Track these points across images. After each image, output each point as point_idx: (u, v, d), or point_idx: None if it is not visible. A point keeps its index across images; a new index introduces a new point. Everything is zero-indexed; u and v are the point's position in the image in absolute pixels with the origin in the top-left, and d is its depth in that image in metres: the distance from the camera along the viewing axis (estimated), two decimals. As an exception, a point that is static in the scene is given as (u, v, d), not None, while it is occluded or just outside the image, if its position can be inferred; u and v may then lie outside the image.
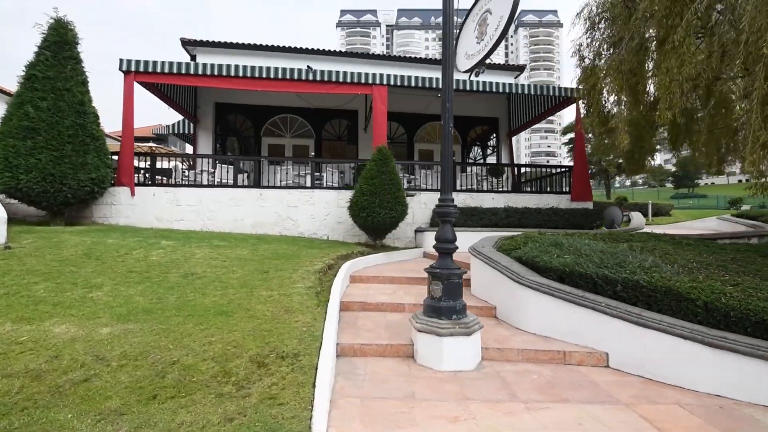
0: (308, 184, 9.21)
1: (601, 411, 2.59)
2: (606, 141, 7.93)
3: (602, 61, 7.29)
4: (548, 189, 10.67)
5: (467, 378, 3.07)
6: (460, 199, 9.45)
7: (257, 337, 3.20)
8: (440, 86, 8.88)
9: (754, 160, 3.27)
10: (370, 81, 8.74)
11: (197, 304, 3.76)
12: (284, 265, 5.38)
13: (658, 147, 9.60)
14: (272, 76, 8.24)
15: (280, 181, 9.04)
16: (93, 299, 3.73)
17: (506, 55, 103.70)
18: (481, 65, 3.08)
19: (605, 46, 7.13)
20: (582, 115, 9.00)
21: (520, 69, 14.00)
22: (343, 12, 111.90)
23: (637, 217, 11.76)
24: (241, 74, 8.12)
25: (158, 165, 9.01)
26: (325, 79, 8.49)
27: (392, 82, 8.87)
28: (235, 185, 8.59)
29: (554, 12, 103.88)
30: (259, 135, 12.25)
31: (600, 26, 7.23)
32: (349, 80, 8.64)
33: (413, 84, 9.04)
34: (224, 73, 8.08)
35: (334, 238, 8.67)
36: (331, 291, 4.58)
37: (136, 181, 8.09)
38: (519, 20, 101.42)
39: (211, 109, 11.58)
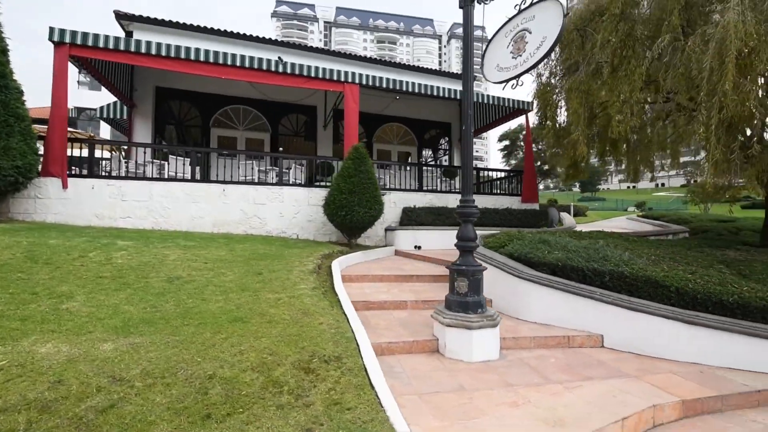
0: (272, 180, 8.72)
1: (620, 383, 2.96)
2: (558, 150, 8.85)
3: (556, 79, 8.16)
4: (500, 191, 11.55)
5: (499, 367, 3.26)
6: (428, 200, 9.81)
7: (288, 342, 3.00)
8: (406, 88, 9.07)
9: (710, 172, 4.08)
10: (342, 78, 8.60)
11: (203, 311, 3.38)
12: (274, 266, 5.07)
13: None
14: (238, 63, 7.63)
15: (245, 177, 8.42)
16: (70, 311, 3.13)
17: (439, 63, 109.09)
18: (518, 78, 3.30)
19: (560, 67, 7.99)
20: (533, 125, 9.92)
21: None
22: (279, 2, 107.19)
23: (568, 218, 13.32)
24: (202, 59, 7.37)
25: (97, 154, 7.74)
26: (297, 72, 8.12)
27: (364, 82, 8.84)
28: (193, 179, 7.77)
29: (482, 28, 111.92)
30: (208, 126, 11.22)
31: (555, 49, 8.07)
32: (321, 76, 8.38)
33: (385, 85, 9.11)
34: (183, 55, 7.25)
35: (303, 237, 8.36)
36: (336, 291, 4.46)
37: (70, 171, 6.86)
38: (452, 32, 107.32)
39: (150, 93, 10.28)
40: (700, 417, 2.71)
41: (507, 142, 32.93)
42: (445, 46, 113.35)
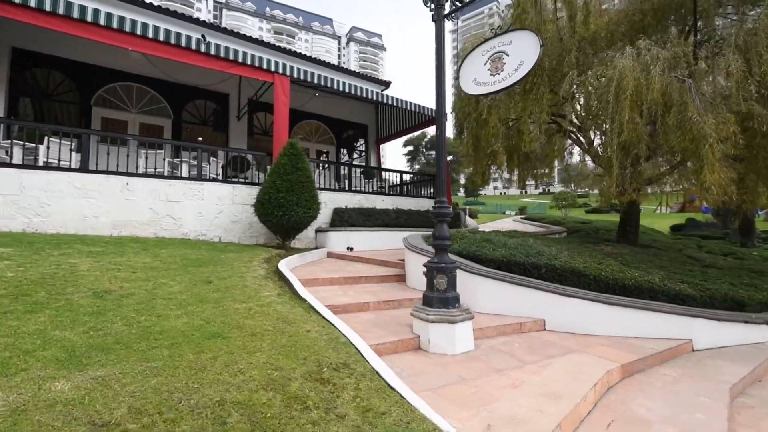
0: (186, 174, 7.62)
1: (575, 358, 3.57)
2: (475, 159, 9.89)
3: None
4: (423, 194, 12.31)
5: (479, 356, 3.57)
6: (357, 201, 9.87)
7: (287, 354, 2.75)
8: (337, 87, 9.00)
9: (611, 183, 5.25)
10: (273, 68, 8.03)
11: (167, 330, 2.82)
12: (220, 273, 4.50)
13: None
14: (150, 35, 6.43)
15: (155, 169, 7.11)
16: (-31, 346, 2.25)
17: (338, 63, 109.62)
18: (495, 94, 3.65)
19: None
20: (453, 135, 10.89)
21: (386, 84, 15.52)
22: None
23: (470, 219, 15.02)
24: (103, 22, 5.97)
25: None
26: (222, 55, 7.26)
27: (296, 75, 8.41)
28: (85, 170, 6.22)
29: (379, 36, 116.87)
30: (89, 104, 9.11)
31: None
32: (249, 62, 7.67)
33: (316, 81, 8.83)
34: (75, 14, 5.76)
35: (227, 240, 7.51)
36: (303, 297, 4.20)
37: None
38: (351, 35, 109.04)
39: (4, 55, 7.84)
40: (632, 377, 3.47)
41: (411, 148, 35.22)
42: (344, 47, 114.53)
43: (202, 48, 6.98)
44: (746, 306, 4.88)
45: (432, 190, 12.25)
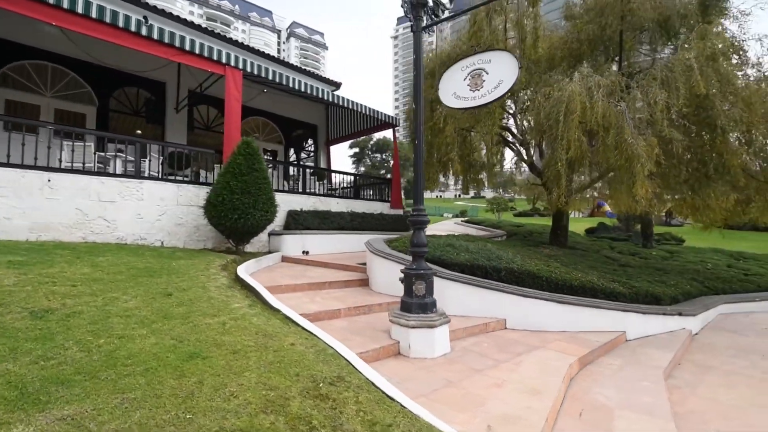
0: (119, 170, 6.76)
1: (540, 354, 3.90)
2: (427, 165, 10.24)
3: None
4: (375, 197, 12.37)
5: (456, 358, 3.72)
6: (311, 203, 9.62)
7: (278, 372, 2.60)
8: (291, 85, 8.71)
9: (560, 193, 5.82)
10: (224, 60, 7.48)
11: (136, 353, 2.49)
12: (178, 283, 4.08)
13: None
14: (79, 10, 5.57)
15: (83, 164, 6.15)
16: None
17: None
18: (475, 109, 3.82)
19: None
20: (402, 140, 11.13)
21: (337, 85, 15.35)
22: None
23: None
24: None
25: None
26: (167, 41, 6.56)
27: (249, 69, 7.93)
28: (-9, 163, 5.16)
29: (321, 34, 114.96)
30: (-12, 83, 7.62)
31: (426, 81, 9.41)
32: (198, 51, 7.04)
33: (271, 78, 8.41)
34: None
35: (171, 245, 6.82)
36: (275, 306, 3.99)
37: None
38: (291, 30, 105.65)
39: None
40: (586, 368, 3.90)
41: (356, 150, 35.19)
42: (284, 42, 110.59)
43: (143, 31, 6.25)
44: (661, 300, 5.76)
45: (384, 194, 12.40)
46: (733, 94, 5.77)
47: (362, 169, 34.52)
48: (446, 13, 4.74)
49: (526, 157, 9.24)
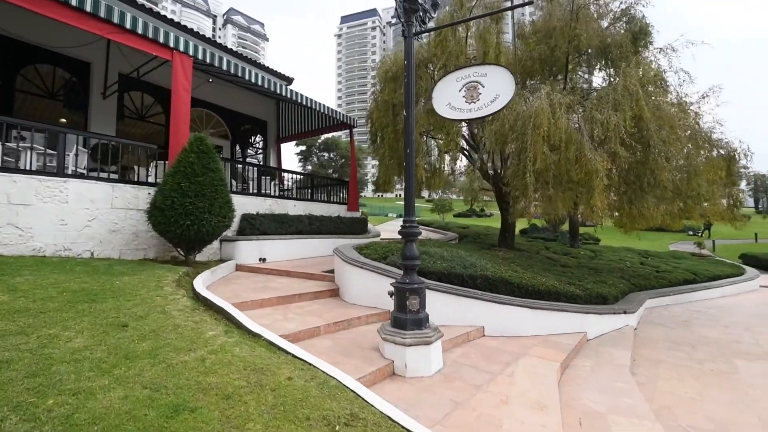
0: (33, 166, 5.59)
1: (526, 362, 4.01)
2: (388, 167, 10.13)
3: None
4: (333, 199, 11.93)
5: (451, 373, 3.66)
6: (267, 206, 8.98)
7: (285, 417, 2.27)
8: (245, 76, 8.03)
9: (528, 202, 6.11)
10: (172, 44, 6.58)
11: (102, 415, 1.98)
12: (131, 308, 3.44)
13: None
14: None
15: (-16, 159, 4.91)
16: None
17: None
18: (470, 121, 3.76)
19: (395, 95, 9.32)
20: (368, 142, 10.91)
21: (289, 80, 14.60)
22: None
23: (371, 225, 15.37)
24: None
25: None
26: (102, 15, 5.55)
27: (200, 56, 7.09)
28: None
29: (261, 24, 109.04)
30: None
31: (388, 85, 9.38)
32: (142, 31, 6.08)
33: (225, 68, 7.63)
34: None
35: (105, 255, 5.82)
36: (253, 330, 3.55)
37: None
38: (228, 17, 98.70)
39: None
40: (565, 372, 4.10)
41: (303, 148, 33.86)
42: (220, 29, 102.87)
43: (73, 0, 5.22)
44: (607, 299, 6.35)
45: (340, 196, 12.05)
46: (661, 118, 6.58)
47: (309, 167, 33.37)
48: (431, 23, 4.68)
49: (479, 164, 9.63)
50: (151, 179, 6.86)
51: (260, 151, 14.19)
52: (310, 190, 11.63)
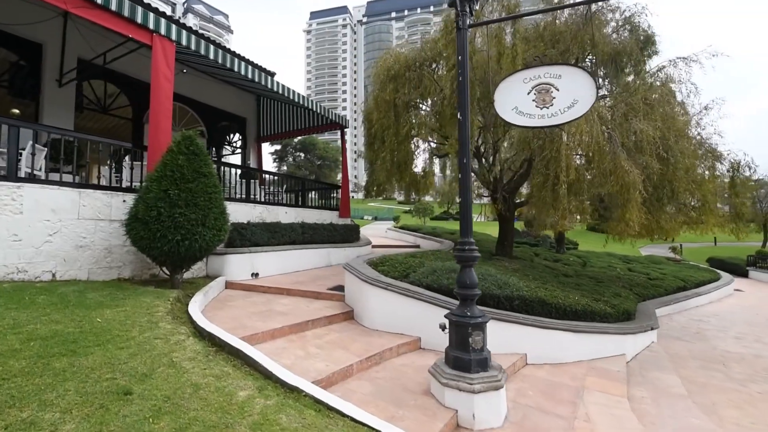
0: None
1: (590, 397, 3.58)
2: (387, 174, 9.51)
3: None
4: (323, 205, 11.12)
5: (519, 420, 3.14)
6: (258, 213, 8.11)
7: None
8: (235, 68, 7.16)
9: (563, 214, 5.76)
10: (152, 25, 5.60)
11: None
12: (128, 361, 2.63)
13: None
14: None
15: None
16: None
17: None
18: (544, 129, 3.27)
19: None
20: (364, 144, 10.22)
21: (271, 75, 13.59)
22: None
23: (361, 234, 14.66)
24: None
25: None
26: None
27: (184, 42, 6.14)
28: None
29: (226, 15, 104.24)
30: None
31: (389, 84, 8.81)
32: (114, 7, 5.09)
33: (212, 57, 6.71)
34: None
35: (70, 276, 4.77)
36: (297, 384, 2.82)
37: None
38: (189, 5, 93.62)
39: None
40: (631, 406, 3.71)
41: (278, 147, 32.28)
42: (181, 17, 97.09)
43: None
44: (632, 315, 6.13)
45: (331, 201, 11.28)
46: (677, 129, 6.50)
47: (284, 168, 31.88)
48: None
49: (484, 171, 9.29)
50: (125, 183, 5.83)
51: (238, 150, 13.10)
52: (301, 196, 10.76)
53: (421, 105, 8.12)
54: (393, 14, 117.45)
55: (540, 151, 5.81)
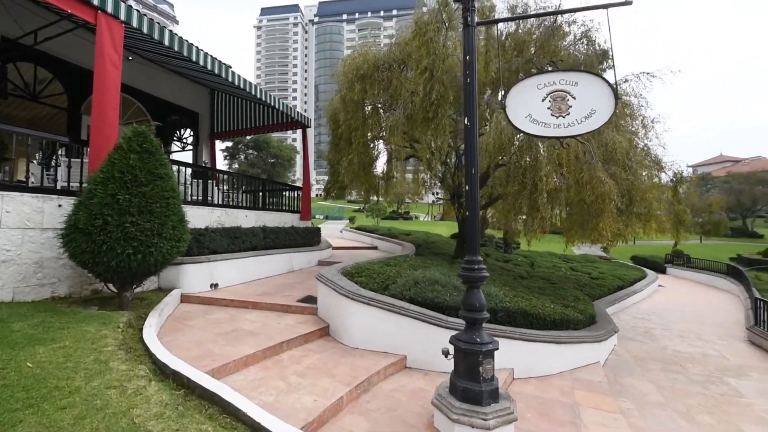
0: None
1: (585, 415, 3.56)
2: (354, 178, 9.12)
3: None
4: (285, 208, 10.45)
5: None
6: (216, 217, 7.36)
7: None
8: (193, 57, 6.46)
9: (544, 222, 5.79)
10: (96, 2, 4.76)
11: None
12: (68, 427, 2.04)
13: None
14: None
15: None
16: None
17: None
18: (560, 139, 3.10)
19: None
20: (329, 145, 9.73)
21: (229, 67, 12.55)
22: None
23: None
24: None
25: None
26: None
27: (134, 23, 5.29)
28: None
29: (171, 5, 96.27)
30: None
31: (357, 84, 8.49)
32: (47, -27, 4.23)
33: (167, 43, 5.88)
34: None
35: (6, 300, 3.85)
36: (275, 429, 2.42)
37: None
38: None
39: None
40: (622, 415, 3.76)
41: (230, 144, 30.15)
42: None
43: None
44: (595, 318, 6.39)
45: (292, 203, 10.64)
46: (633, 141, 6.93)
47: (236, 166, 29.88)
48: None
49: (449, 176, 9.33)
50: (61, 184, 4.91)
51: (189, 147, 11.95)
52: (261, 198, 10.00)
53: (392, 108, 7.88)
54: (344, 16, 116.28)
55: (517, 158, 5.84)
